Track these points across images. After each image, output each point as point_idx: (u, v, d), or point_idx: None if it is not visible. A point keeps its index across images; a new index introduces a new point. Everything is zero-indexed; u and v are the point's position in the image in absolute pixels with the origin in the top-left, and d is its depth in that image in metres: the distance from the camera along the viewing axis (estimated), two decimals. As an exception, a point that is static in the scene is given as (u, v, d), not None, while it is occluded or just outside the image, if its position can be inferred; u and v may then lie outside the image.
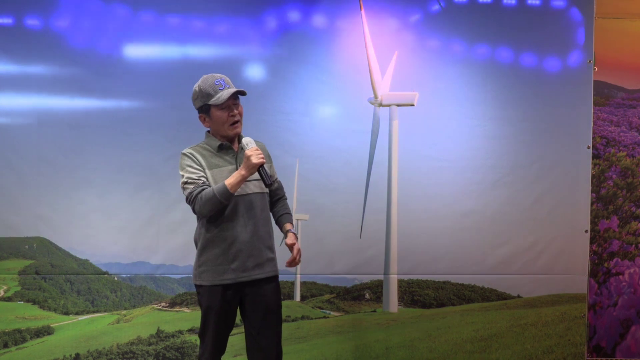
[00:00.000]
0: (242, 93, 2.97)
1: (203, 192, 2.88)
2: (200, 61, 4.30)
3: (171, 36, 4.27)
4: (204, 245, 2.99)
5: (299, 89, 4.33)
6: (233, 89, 2.95)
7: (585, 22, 4.38)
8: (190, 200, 2.91)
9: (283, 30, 4.32)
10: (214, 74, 2.99)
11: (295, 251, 3.05)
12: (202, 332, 3.05)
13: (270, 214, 3.16)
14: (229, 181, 2.85)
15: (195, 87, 2.99)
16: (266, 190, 3.07)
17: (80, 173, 4.25)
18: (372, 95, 4.34)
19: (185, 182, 2.94)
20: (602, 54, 4.48)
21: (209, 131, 3.07)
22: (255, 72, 4.31)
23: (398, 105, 4.36)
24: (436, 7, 4.36)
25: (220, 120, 2.95)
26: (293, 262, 3.06)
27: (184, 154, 3.00)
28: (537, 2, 4.39)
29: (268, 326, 3.03)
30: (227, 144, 3.01)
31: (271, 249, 3.09)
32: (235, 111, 2.97)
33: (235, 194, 2.90)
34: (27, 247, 4.28)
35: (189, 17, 4.27)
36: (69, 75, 4.23)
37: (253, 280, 3.00)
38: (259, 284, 3.02)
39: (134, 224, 4.28)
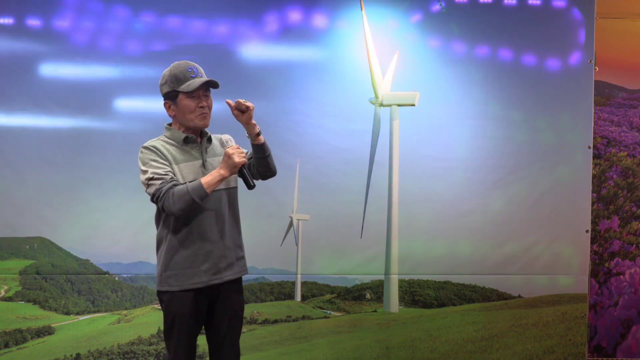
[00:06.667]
0: (215, 84, 2.79)
1: (175, 189, 2.66)
2: (201, 61, 4.29)
3: (172, 36, 4.27)
4: (170, 247, 2.78)
5: (299, 89, 4.33)
6: (205, 78, 2.78)
7: (586, 22, 4.37)
8: (159, 197, 2.67)
9: (284, 30, 4.32)
10: (187, 61, 2.82)
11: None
12: (170, 339, 2.83)
13: (238, 209, 2.96)
14: (206, 180, 2.67)
15: (166, 71, 2.81)
16: (234, 184, 2.90)
17: (81, 173, 4.25)
18: (373, 95, 4.34)
19: (151, 178, 2.69)
20: (602, 54, 4.48)
21: (169, 124, 2.87)
22: (255, 72, 4.30)
23: (399, 105, 4.36)
24: (437, 7, 4.36)
25: (188, 109, 2.76)
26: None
27: (146, 148, 2.76)
28: (538, 2, 4.38)
29: (234, 329, 2.92)
30: (193, 137, 2.81)
31: (240, 247, 2.93)
32: (205, 103, 2.79)
33: None
34: (27, 247, 4.28)
35: (189, 17, 4.27)
36: (70, 74, 4.23)
37: (223, 282, 2.84)
38: (228, 285, 2.87)
39: (135, 224, 4.27)
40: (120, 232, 4.28)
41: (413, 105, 4.35)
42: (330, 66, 4.33)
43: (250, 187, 2.79)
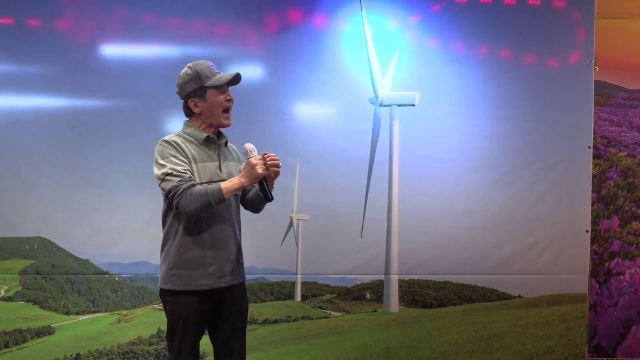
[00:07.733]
0: (239, 78, 2.84)
1: (193, 189, 2.66)
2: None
3: (172, 36, 4.27)
4: (178, 246, 2.77)
5: (300, 89, 4.33)
6: (232, 72, 2.82)
7: (586, 22, 4.37)
8: (175, 194, 2.66)
9: (284, 30, 4.32)
10: (204, 60, 2.85)
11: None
12: (173, 341, 2.80)
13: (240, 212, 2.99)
14: (226, 185, 2.69)
15: (187, 70, 2.81)
16: (240, 192, 2.90)
17: (81, 173, 4.25)
18: (373, 95, 4.34)
19: (169, 174, 2.68)
20: (602, 54, 4.48)
21: (187, 121, 2.87)
22: (256, 72, 4.30)
23: (399, 105, 4.36)
24: (437, 6, 4.36)
25: (217, 102, 2.79)
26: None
27: (167, 142, 2.75)
28: (538, 2, 4.38)
29: (239, 330, 2.92)
30: (214, 137, 2.83)
31: (241, 253, 2.94)
32: (230, 96, 2.84)
33: None
34: (27, 247, 4.28)
35: (189, 17, 4.27)
36: (70, 75, 4.23)
37: (228, 286, 2.84)
38: (233, 288, 2.87)
39: (135, 224, 4.27)
40: (120, 232, 4.28)
41: (413, 105, 4.35)
42: (330, 66, 4.33)
43: (269, 199, 2.78)
